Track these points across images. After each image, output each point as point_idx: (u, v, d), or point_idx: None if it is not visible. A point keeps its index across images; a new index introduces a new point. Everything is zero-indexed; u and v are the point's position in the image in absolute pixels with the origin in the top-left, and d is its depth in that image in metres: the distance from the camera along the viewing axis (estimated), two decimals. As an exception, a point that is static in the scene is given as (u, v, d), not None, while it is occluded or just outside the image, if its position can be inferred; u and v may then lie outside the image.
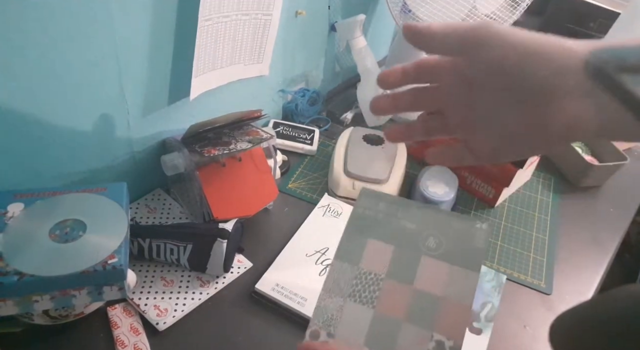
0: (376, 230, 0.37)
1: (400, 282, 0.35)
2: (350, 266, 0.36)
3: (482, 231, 0.36)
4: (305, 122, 0.97)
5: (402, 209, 0.38)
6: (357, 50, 0.93)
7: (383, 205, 0.38)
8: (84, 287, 0.50)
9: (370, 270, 0.36)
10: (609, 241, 0.81)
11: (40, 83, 0.51)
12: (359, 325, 0.34)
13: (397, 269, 0.35)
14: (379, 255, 0.36)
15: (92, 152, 0.63)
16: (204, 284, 0.63)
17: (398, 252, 0.36)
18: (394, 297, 0.34)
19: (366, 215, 0.38)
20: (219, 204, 0.67)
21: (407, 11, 0.89)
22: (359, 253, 0.36)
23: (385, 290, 0.35)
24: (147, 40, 0.60)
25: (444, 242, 0.36)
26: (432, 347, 0.32)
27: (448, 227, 0.36)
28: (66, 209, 0.54)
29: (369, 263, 0.36)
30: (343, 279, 0.35)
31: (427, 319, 0.33)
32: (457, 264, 0.35)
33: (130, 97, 0.63)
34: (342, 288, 0.35)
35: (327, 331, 0.34)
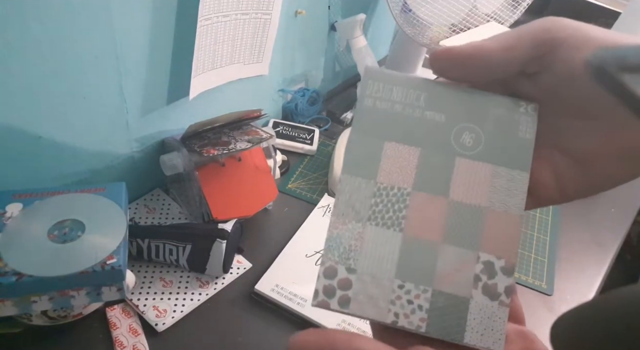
0: (394, 128, 0.28)
1: (432, 195, 0.27)
2: (366, 181, 0.27)
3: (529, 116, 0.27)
4: (305, 122, 0.97)
5: (426, 94, 0.28)
6: (357, 49, 0.93)
7: (399, 92, 0.28)
8: (83, 288, 0.50)
9: (392, 184, 0.27)
10: (610, 242, 0.81)
11: (39, 82, 0.51)
12: (386, 255, 0.27)
13: (426, 178, 0.27)
14: (402, 162, 0.28)
15: (90, 152, 0.62)
16: (203, 285, 0.63)
17: (426, 155, 0.28)
18: (426, 215, 0.27)
19: (378, 109, 0.28)
20: (218, 204, 0.67)
21: (407, 10, 0.89)
22: (374, 163, 0.28)
23: (414, 206, 0.27)
24: (146, 39, 0.60)
25: (482, 136, 0.28)
26: (479, 269, 0.26)
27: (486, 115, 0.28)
28: (65, 209, 0.54)
29: (389, 174, 0.28)
30: (358, 199, 0.27)
31: (470, 236, 0.27)
32: (502, 164, 0.27)
33: (130, 97, 0.62)
34: (359, 210, 0.27)
35: (346, 266, 0.27)
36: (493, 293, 0.26)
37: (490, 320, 0.26)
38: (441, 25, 0.87)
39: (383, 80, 0.28)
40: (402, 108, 0.28)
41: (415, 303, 0.26)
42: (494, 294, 0.26)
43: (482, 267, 0.26)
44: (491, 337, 0.26)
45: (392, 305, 0.26)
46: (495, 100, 0.28)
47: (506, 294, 0.26)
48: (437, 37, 0.89)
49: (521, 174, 0.27)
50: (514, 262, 0.26)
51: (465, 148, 0.28)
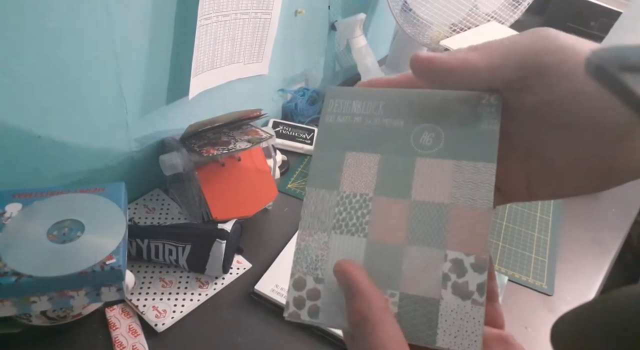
0: (353, 139, 0.28)
1: (393, 198, 0.27)
2: (329, 192, 0.28)
3: (492, 107, 0.26)
4: (305, 122, 0.97)
5: (384, 103, 0.28)
6: (357, 49, 0.92)
7: (358, 105, 0.29)
8: (82, 288, 0.49)
9: (354, 192, 0.28)
10: (610, 242, 0.81)
11: (38, 82, 0.51)
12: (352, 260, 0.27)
13: (387, 182, 0.27)
14: (362, 170, 0.28)
15: (90, 152, 0.62)
16: (202, 285, 0.63)
17: (386, 160, 0.28)
18: (389, 218, 0.27)
19: (338, 123, 0.29)
20: (218, 204, 0.67)
21: (407, 10, 0.88)
22: (336, 173, 0.28)
23: (377, 211, 0.27)
24: (146, 39, 0.59)
25: (442, 133, 0.27)
26: (447, 268, 0.25)
27: (446, 113, 0.27)
28: (64, 209, 0.54)
29: (350, 183, 0.28)
30: (322, 210, 0.28)
31: (435, 235, 0.26)
32: (465, 158, 0.26)
33: (129, 96, 0.62)
34: (323, 221, 0.27)
35: (314, 276, 0.27)
36: (464, 292, 0.25)
37: (464, 321, 0.25)
38: (441, 24, 0.87)
39: (343, 97, 0.29)
40: (362, 119, 0.28)
41: None
42: (465, 293, 0.25)
43: (451, 266, 0.25)
44: (466, 339, 0.24)
45: None
46: (456, 96, 0.27)
47: (479, 292, 0.25)
48: (437, 37, 0.89)
49: (487, 165, 0.26)
50: (484, 257, 0.25)
51: (425, 148, 0.27)
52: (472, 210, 0.26)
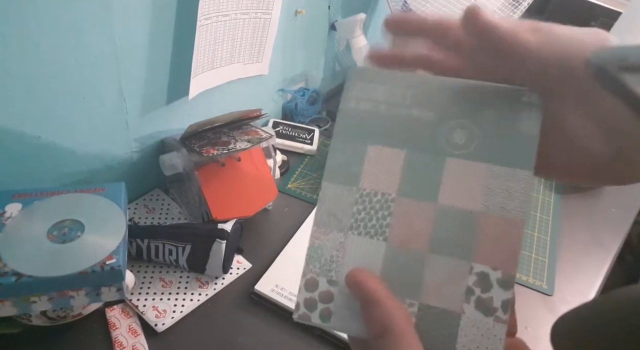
0: (378, 130, 0.26)
1: (418, 200, 0.25)
2: (347, 188, 0.25)
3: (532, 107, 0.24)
4: (305, 122, 0.97)
5: (413, 91, 0.26)
6: (357, 49, 0.92)
7: (384, 91, 0.26)
8: (82, 288, 0.49)
9: (376, 190, 0.25)
10: (610, 242, 0.81)
11: (38, 82, 0.51)
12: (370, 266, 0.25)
13: (412, 182, 0.25)
14: (386, 166, 0.25)
15: (90, 152, 0.62)
16: (202, 285, 0.63)
17: (412, 157, 0.25)
18: (412, 222, 0.25)
19: (361, 110, 0.26)
20: (218, 204, 0.67)
21: (407, 10, 0.88)
22: (357, 168, 0.26)
23: (399, 214, 0.25)
24: (146, 39, 0.59)
25: (476, 132, 0.25)
26: (472, 281, 0.23)
27: (482, 109, 0.25)
28: (64, 209, 0.54)
29: (372, 180, 0.25)
30: (339, 207, 0.25)
31: (461, 245, 0.24)
32: (499, 162, 0.24)
33: (129, 97, 0.62)
34: (340, 219, 0.25)
35: (328, 278, 0.25)
36: (488, 308, 0.23)
37: (485, 337, 0.23)
38: (441, 24, 0.87)
39: (368, 80, 0.26)
40: (387, 107, 0.26)
41: None
42: (489, 309, 0.23)
43: (476, 279, 0.24)
44: None
45: None
46: (494, 91, 0.25)
47: (503, 309, 0.23)
48: (437, 37, 0.89)
49: (523, 172, 0.24)
50: (512, 273, 0.23)
51: (457, 147, 0.25)
52: (504, 221, 0.24)
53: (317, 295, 0.25)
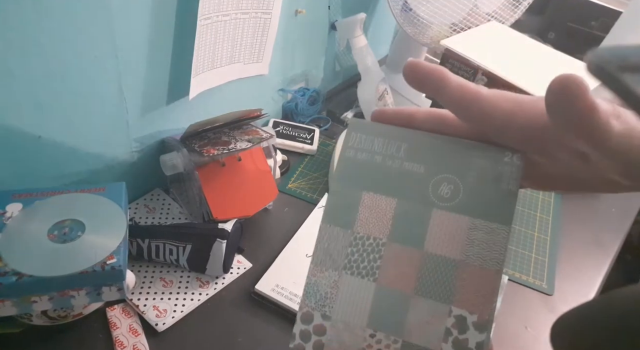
0: (372, 179, 0.28)
1: (406, 246, 0.27)
2: (343, 230, 0.28)
3: (513, 167, 0.26)
4: (305, 122, 0.97)
5: (406, 145, 0.28)
6: (358, 49, 0.92)
7: (380, 143, 0.28)
8: (83, 288, 0.50)
9: (368, 234, 0.28)
10: (610, 242, 0.81)
11: (39, 82, 0.51)
12: (360, 303, 0.27)
13: (401, 229, 0.27)
14: (378, 213, 0.28)
15: (90, 152, 0.62)
16: (203, 285, 0.63)
17: (402, 206, 0.27)
18: (400, 266, 0.27)
19: (359, 160, 0.28)
20: (219, 204, 0.67)
21: (407, 10, 0.88)
22: (352, 213, 0.28)
23: (389, 257, 0.27)
24: (146, 39, 0.59)
25: (461, 187, 0.27)
26: (450, 323, 0.26)
27: (467, 166, 0.27)
28: (65, 209, 0.54)
29: (365, 224, 0.28)
30: (335, 248, 0.28)
31: (442, 289, 0.26)
32: (480, 216, 0.27)
33: (130, 96, 0.62)
34: (335, 259, 0.28)
35: (322, 313, 0.28)
36: (464, 348, 0.25)
37: None
38: (442, 24, 0.87)
39: (365, 132, 0.29)
40: (382, 159, 0.28)
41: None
42: (464, 349, 0.25)
43: (454, 321, 0.26)
44: None
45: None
46: (479, 150, 0.27)
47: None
48: (437, 36, 0.89)
49: (501, 227, 0.26)
50: (487, 318, 0.26)
51: (442, 199, 0.27)
52: (482, 270, 0.26)
53: (312, 328, 0.28)
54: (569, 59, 0.79)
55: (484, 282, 0.26)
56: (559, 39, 1.29)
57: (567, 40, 1.27)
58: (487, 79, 0.74)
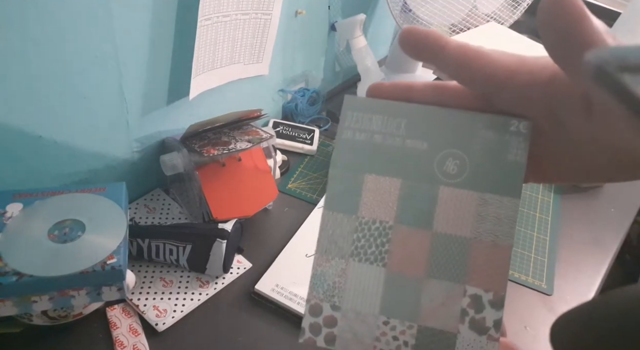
0: (374, 160, 0.27)
1: (414, 228, 0.26)
2: (347, 216, 0.27)
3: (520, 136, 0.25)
4: (305, 122, 0.97)
5: (406, 121, 0.27)
6: (357, 49, 0.93)
7: (378, 121, 0.27)
8: (83, 288, 0.50)
9: (374, 218, 0.27)
10: (609, 242, 0.81)
11: (39, 82, 0.51)
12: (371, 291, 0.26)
13: (408, 210, 0.26)
14: (383, 195, 0.27)
15: (91, 152, 0.62)
16: (203, 285, 0.63)
17: (407, 186, 0.27)
18: (409, 248, 0.26)
19: (357, 141, 0.27)
20: (219, 204, 0.67)
21: (407, 10, 0.89)
22: (355, 197, 0.27)
23: (397, 241, 0.26)
24: (146, 39, 0.60)
25: (467, 161, 0.26)
26: (466, 303, 0.25)
27: (472, 138, 0.26)
28: (65, 209, 0.54)
29: (370, 208, 0.27)
30: (340, 235, 0.27)
31: (455, 269, 0.26)
32: (489, 190, 0.26)
33: (130, 97, 0.62)
34: (341, 246, 0.27)
35: (331, 303, 0.27)
36: (481, 327, 0.25)
37: None
38: (441, 25, 0.87)
39: (362, 110, 0.27)
40: (383, 138, 0.27)
41: (400, 339, 0.26)
42: (482, 328, 0.25)
43: (469, 301, 0.25)
44: None
45: (377, 342, 0.26)
46: (483, 120, 0.26)
47: (495, 327, 0.25)
48: (437, 37, 0.89)
49: (511, 200, 0.25)
50: (502, 294, 0.25)
51: (449, 176, 0.26)
52: (494, 246, 0.25)
53: (322, 320, 0.27)
54: (568, 59, 0.79)
55: (497, 258, 0.25)
56: (558, 40, 1.29)
57: (567, 41, 1.27)
58: (486, 80, 0.74)
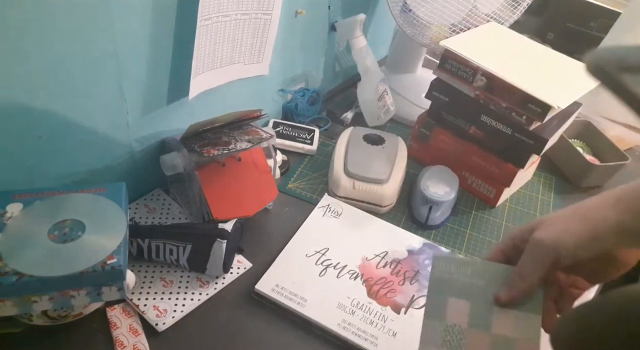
0: (453, 288, 0.44)
1: (480, 330, 0.42)
2: (439, 322, 0.43)
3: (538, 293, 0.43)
4: (305, 122, 0.97)
5: (471, 269, 0.44)
6: (357, 49, 0.93)
7: (454, 267, 0.45)
8: (83, 288, 0.50)
9: (455, 323, 0.42)
10: (609, 241, 0.81)
11: (39, 82, 0.51)
12: None
13: (475, 319, 0.42)
14: (459, 309, 0.43)
15: (91, 152, 0.62)
16: (203, 285, 0.63)
17: (474, 305, 0.43)
18: (477, 342, 0.41)
19: (443, 278, 0.45)
20: (219, 204, 0.67)
21: (407, 11, 0.89)
22: (443, 310, 0.43)
23: (469, 337, 0.42)
24: (147, 39, 0.60)
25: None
26: None
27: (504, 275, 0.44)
28: (65, 209, 0.54)
29: (452, 317, 0.43)
30: (434, 333, 0.42)
31: None
32: (522, 310, 0.42)
33: (130, 97, 0.62)
34: (436, 340, 0.42)
35: None
36: None
37: None
38: (441, 25, 0.87)
39: (445, 261, 0.45)
40: (457, 276, 0.44)
41: None
42: None
43: None
44: None
45: None
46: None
47: None
48: (437, 37, 0.89)
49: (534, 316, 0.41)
50: None
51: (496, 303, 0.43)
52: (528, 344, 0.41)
53: None
54: (568, 59, 0.79)
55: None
56: (558, 40, 1.29)
57: (566, 41, 1.27)
58: (486, 80, 0.74)
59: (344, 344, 0.59)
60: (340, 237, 0.72)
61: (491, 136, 0.78)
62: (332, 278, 0.65)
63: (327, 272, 0.66)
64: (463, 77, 0.76)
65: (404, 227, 0.76)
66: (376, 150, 0.83)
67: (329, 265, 0.67)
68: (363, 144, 0.84)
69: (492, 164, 0.81)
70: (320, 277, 0.65)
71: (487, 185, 0.84)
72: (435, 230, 0.78)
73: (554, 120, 0.76)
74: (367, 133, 0.87)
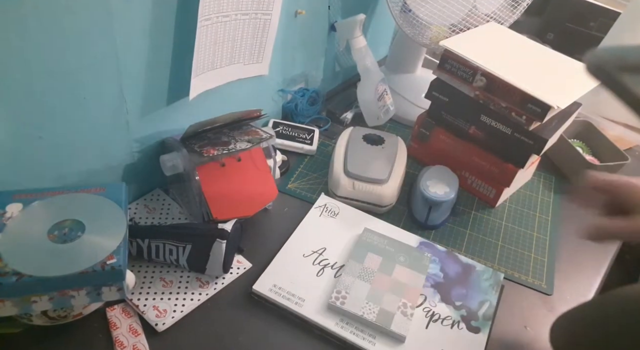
0: (373, 248, 0.68)
1: (385, 274, 0.65)
2: (359, 264, 0.66)
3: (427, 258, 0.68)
4: (305, 122, 0.97)
5: (387, 240, 0.70)
6: (357, 49, 0.93)
7: (376, 237, 0.70)
8: (83, 288, 0.50)
9: (369, 267, 0.66)
10: (609, 242, 0.81)
11: (39, 83, 0.51)
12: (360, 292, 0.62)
13: (383, 267, 0.66)
14: (374, 260, 0.66)
15: (91, 152, 0.62)
16: (203, 285, 0.63)
17: (384, 260, 0.67)
18: (381, 280, 0.64)
19: (367, 242, 0.69)
20: (218, 204, 0.67)
21: (407, 11, 0.89)
22: (363, 258, 0.67)
23: (377, 276, 0.64)
24: (147, 40, 0.60)
25: (408, 258, 0.68)
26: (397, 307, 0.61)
27: (409, 251, 0.69)
28: (65, 209, 0.54)
29: (369, 263, 0.66)
30: (355, 269, 0.65)
31: (398, 292, 0.63)
32: (413, 268, 0.66)
33: (130, 97, 0.62)
34: (355, 274, 0.64)
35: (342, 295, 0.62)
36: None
37: None
38: (441, 25, 0.87)
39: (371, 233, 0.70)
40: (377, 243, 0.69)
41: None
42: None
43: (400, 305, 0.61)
44: None
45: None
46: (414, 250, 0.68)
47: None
48: (436, 37, 0.89)
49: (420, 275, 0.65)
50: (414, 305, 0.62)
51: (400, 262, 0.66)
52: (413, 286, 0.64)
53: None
54: (568, 59, 0.79)
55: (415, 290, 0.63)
56: (557, 40, 1.29)
57: (566, 41, 1.28)
58: (486, 80, 0.74)
59: (343, 343, 0.59)
60: (337, 236, 0.72)
61: (491, 136, 0.78)
62: (329, 278, 0.65)
63: (324, 272, 0.66)
64: (463, 77, 0.76)
65: (404, 227, 0.76)
66: (376, 150, 0.83)
67: (326, 265, 0.67)
68: (363, 144, 0.84)
69: (492, 164, 0.81)
70: (318, 277, 0.65)
71: (487, 185, 0.84)
72: (435, 230, 0.78)
73: (554, 120, 0.76)
74: (367, 133, 0.87)
